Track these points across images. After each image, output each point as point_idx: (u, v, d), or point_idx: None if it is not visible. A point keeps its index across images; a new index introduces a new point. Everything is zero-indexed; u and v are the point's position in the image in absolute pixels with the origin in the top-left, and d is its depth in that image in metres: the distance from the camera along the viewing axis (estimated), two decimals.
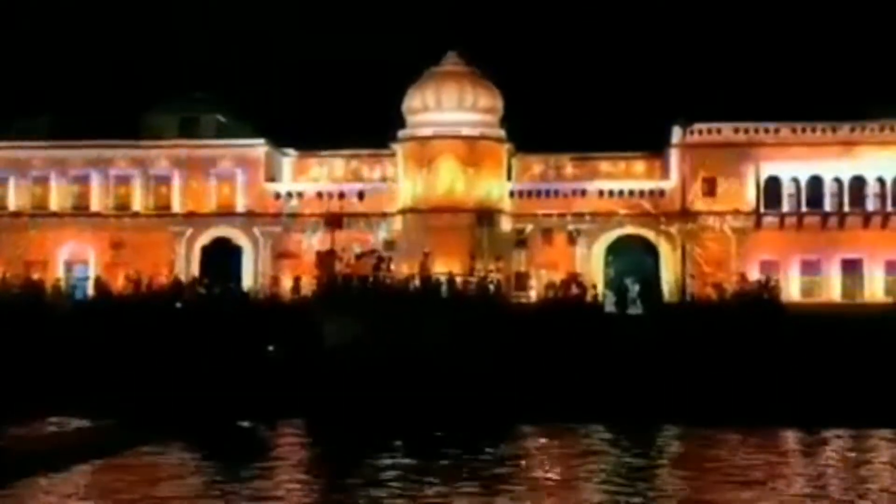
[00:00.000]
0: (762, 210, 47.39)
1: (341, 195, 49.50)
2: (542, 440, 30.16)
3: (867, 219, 47.08)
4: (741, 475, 24.52)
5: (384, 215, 48.81)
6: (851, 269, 47.21)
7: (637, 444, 29.40)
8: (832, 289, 46.98)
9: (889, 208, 46.88)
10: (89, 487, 23.15)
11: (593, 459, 27.32)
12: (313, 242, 48.06)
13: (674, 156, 48.40)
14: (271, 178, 50.72)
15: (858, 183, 46.83)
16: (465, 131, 48.12)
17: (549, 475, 25.47)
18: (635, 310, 41.59)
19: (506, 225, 48.28)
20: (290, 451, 29.10)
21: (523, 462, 27.00)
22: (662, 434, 31.30)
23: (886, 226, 47.04)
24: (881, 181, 46.84)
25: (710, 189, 47.83)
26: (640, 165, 50.26)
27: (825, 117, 47.46)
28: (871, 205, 46.96)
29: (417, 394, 33.56)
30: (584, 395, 34.25)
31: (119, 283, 46.51)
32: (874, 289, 46.68)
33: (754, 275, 44.96)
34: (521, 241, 48.40)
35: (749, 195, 47.46)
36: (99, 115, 51.13)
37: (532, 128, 48.28)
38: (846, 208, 47.00)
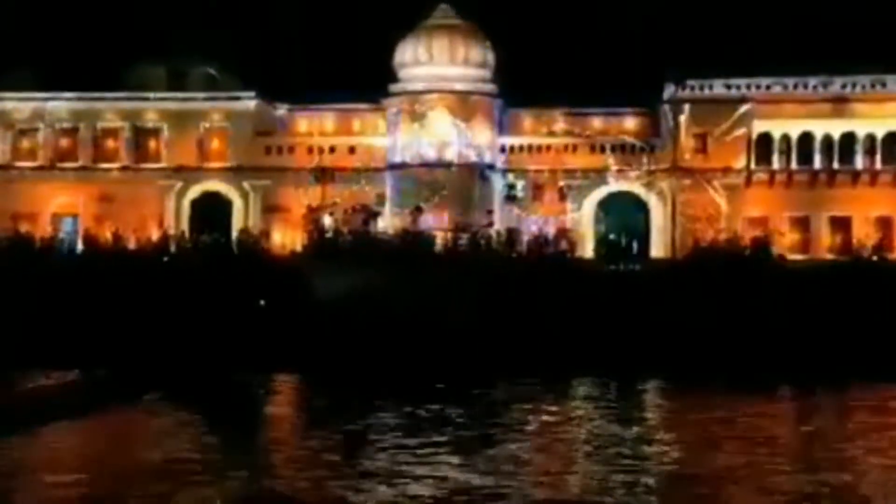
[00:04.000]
0: (752, 167, 47.43)
1: (332, 149, 49.27)
2: (528, 392, 30.40)
3: (856, 176, 47.16)
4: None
5: (375, 170, 48.59)
6: (840, 226, 47.36)
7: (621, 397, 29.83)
8: (821, 246, 47.14)
9: (878, 166, 46.93)
10: (73, 445, 23.18)
11: (577, 409, 27.70)
12: (303, 197, 47.88)
13: (666, 112, 48.26)
14: (261, 132, 50.38)
15: (848, 140, 46.81)
16: (457, 86, 47.86)
17: (533, 426, 25.80)
18: (625, 265, 41.86)
19: (497, 180, 48.14)
20: (280, 405, 29.25)
21: (507, 412, 27.29)
22: (646, 388, 31.66)
23: (875, 183, 47.13)
24: (871, 138, 46.83)
25: (701, 145, 47.78)
26: (631, 121, 50.08)
27: (817, 74, 47.32)
28: (860, 162, 47.00)
29: (406, 347, 33.78)
30: (572, 348, 34.58)
31: (107, 237, 46.41)
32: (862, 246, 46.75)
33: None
34: (511, 196, 48.35)
35: (740, 152, 47.45)
36: (85, 67, 50.60)
37: (524, 83, 48.02)
38: (836, 165, 47.05)
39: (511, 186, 48.44)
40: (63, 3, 58.83)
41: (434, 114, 47.75)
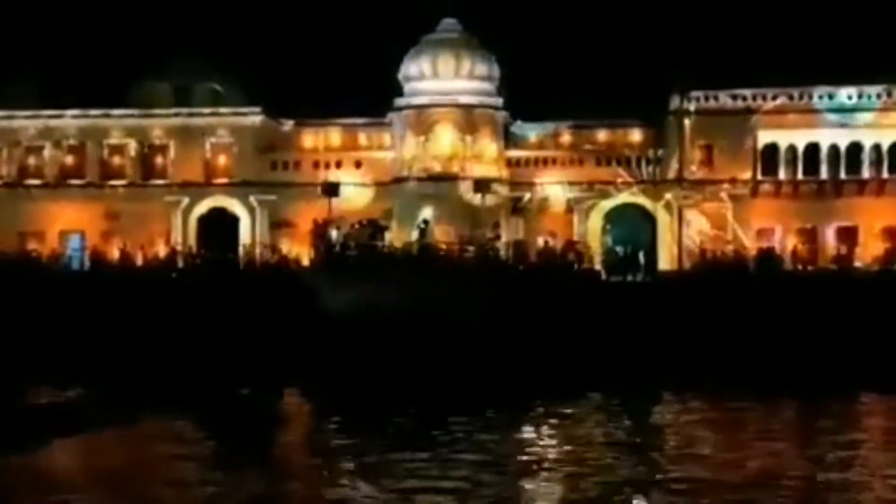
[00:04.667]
0: (759, 178, 47.38)
1: (338, 164, 49.36)
2: (539, 409, 30.24)
3: (863, 186, 47.07)
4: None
5: (381, 184, 48.64)
6: (847, 236, 47.26)
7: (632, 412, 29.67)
8: (828, 256, 46.99)
9: (885, 175, 46.85)
10: (81, 462, 23.09)
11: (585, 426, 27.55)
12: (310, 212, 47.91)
13: (671, 123, 48.29)
14: (267, 148, 50.47)
15: (855, 150, 46.77)
16: (462, 99, 47.91)
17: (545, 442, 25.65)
18: (632, 277, 41.88)
19: (503, 193, 48.06)
20: (289, 420, 29.05)
21: (520, 431, 27.12)
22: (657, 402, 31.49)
23: (882, 193, 47.05)
24: (877, 148, 46.77)
25: (707, 157, 47.77)
26: (637, 133, 50.07)
27: (822, 84, 47.35)
28: (867, 172, 46.93)
29: (414, 361, 33.70)
30: (581, 362, 34.50)
31: (115, 254, 46.56)
32: (869, 256, 46.66)
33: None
34: (518, 209, 48.36)
35: (746, 163, 47.41)
36: (90, 84, 50.77)
37: (529, 96, 48.08)
38: (843, 176, 46.98)
39: (517, 199, 48.45)
40: (69, 20, 59.09)
41: (439, 128, 47.81)
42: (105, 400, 30.14)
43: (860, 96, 47.35)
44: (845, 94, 47.39)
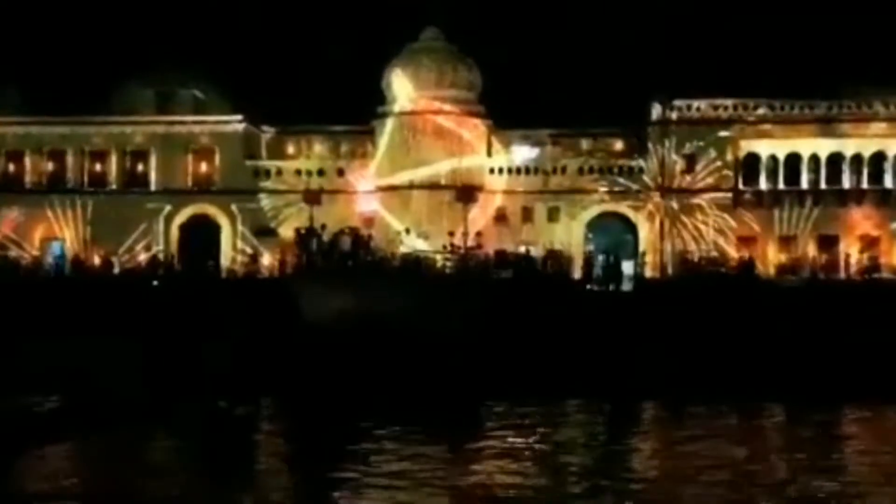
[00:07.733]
0: (740, 187, 47.60)
1: (320, 172, 49.33)
2: (518, 415, 30.29)
3: (844, 196, 47.34)
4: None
5: (363, 192, 48.62)
6: (828, 245, 47.49)
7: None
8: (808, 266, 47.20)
9: (865, 185, 47.14)
10: (59, 470, 23.01)
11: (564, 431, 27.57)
12: (292, 220, 47.86)
13: (653, 133, 48.44)
14: (249, 155, 50.39)
15: (836, 160, 47.06)
16: (445, 108, 47.97)
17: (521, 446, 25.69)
18: (614, 286, 41.91)
19: (485, 201, 48.10)
20: (267, 432, 29.06)
21: (497, 433, 27.15)
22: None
23: (862, 203, 47.32)
24: (858, 158, 47.07)
25: (688, 166, 47.96)
26: (619, 142, 50.28)
27: (803, 95, 47.65)
28: (847, 182, 47.22)
29: (395, 369, 33.70)
30: (561, 370, 34.55)
31: (96, 261, 46.38)
32: (850, 265, 46.93)
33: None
34: (500, 217, 48.41)
35: (727, 172, 47.64)
36: (72, 90, 50.57)
37: (511, 105, 48.18)
38: (823, 185, 47.25)
39: (499, 208, 48.52)
40: (50, 26, 58.95)
41: (422, 136, 47.84)
42: (83, 409, 30.01)
43: (840, 107, 47.62)
44: (825, 105, 47.65)
